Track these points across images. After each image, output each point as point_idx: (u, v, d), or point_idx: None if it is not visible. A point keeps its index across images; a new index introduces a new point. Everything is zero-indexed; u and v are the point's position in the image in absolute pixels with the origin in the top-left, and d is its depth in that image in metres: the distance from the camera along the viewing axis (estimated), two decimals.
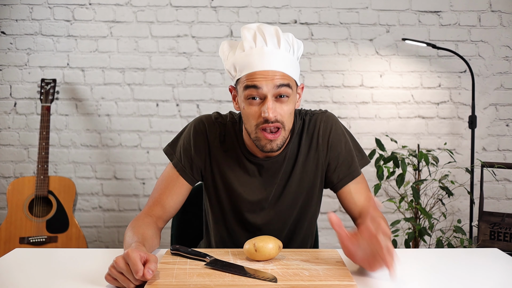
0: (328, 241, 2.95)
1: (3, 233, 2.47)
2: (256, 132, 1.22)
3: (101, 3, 2.86)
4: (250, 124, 1.23)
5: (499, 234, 2.36)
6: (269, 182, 1.35)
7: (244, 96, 1.22)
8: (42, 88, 2.65)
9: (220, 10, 2.88)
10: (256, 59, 1.19)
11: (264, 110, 1.18)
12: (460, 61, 2.88)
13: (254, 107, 1.20)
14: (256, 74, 1.18)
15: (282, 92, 1.20)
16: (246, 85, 1.20)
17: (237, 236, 1.41)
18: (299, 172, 1.36)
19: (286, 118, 1.22)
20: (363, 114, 2.93)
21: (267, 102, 1.18)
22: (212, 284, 1.01)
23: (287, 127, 1.24)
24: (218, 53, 1.36)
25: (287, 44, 1.23)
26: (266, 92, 1.18)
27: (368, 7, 2.90)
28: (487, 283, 1.09)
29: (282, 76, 1.19)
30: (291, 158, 1.35)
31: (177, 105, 2.90)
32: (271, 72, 1.18)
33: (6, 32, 2.86)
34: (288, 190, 1.36)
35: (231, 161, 1.35)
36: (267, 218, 1.38)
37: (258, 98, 1.20)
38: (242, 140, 1.35)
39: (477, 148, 2.91)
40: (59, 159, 2.89)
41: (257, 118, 1.20)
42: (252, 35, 1.21)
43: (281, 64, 1.19)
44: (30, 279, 1.10)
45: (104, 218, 2.92)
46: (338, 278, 1.04)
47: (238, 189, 1.36)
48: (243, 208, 1.37)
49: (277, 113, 1.19)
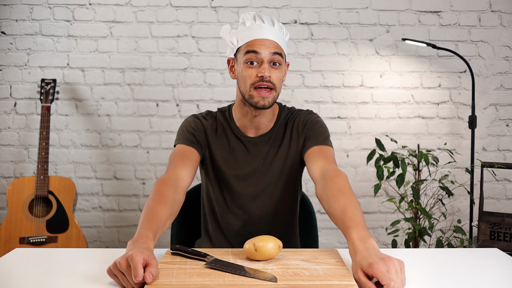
0: (328, 241, 2.95)
1: (3, 233, 2.47)
2: (250, 91, 1.42)
3: (101, 3, 2.86)
4: (246, 84, 1.43)
5: (499, 234, 2.36)
6: (257, 157, 1.55)
7: (244, 60, 1.43)
8: (42, 88, 2.66)
9: (220, 10, 2.88)
10: (256, 30, 1.43)
11: (261, 70, 1.40)
12: (460, 61, 2.88)
13: (252, 69, 1.42)
14: (255, 41, 1.41)
15: (276, 60, 1.42)
16: (247, 51, 1.42)
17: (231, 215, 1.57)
18: (283, 153, 1.55)
19: (277, 83, 1.43)
20: (363, 114, 2.93)
21: (264, 64, 1.41)
22: (212, 284, 1.01)
23: (277, 90, 1.44)
24: (220, 34, 1.60)
25: (279, 26, 1.48)
26: (263, 57, 1.41)
27: (368, 7, 2.90)
28: (487, 283, 1.09)
29: (276, 46, 1.43)
30: (277, 140, 1.56)
31: (177, 105, 2.90)
32: (268, 41, 1.42)
33: (6, 32, 2.86)
34: (274, 166, 1.54)
35: (225, 141, 1.56)
36: (256, 189, 1.54)
37: (255, 62, 1.42)
38: (234, 123, 1.56)
39: (477, 148, 2.91)
40: (59, 159, 2.89)
41: (253, 78, 1.41)
42: (252, 16, 1.46)
43: (276, 36, 1.44)
44: (30, 279, 1.10)
45: (104, 218, 2.92)
46: (338, 278, 1.04)
47: (232, 162, 1.55)
48: (236, 178, 1.54)
49: (271, 74, 1.41)
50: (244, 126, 1.55)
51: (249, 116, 1.51)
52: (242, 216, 1.56)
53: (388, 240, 2.90)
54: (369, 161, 2.29)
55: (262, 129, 1.55)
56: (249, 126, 1.54)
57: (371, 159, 2.28)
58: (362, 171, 2.94)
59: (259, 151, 1.55)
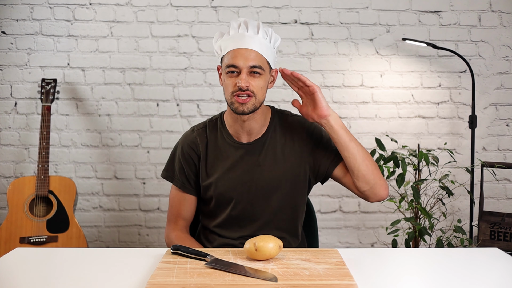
0: (328, 241, 2.95)
1: (4, 232, 2.47)
2: (231, 98, 1.47)
3: (101, 3, 2.86)
4: (228, 92, 1.48)
5: (499, 234, 2.36)
6: (252, 164, 1.54)
7: (225, 70, 1.48)
8: (42, 88, 2.66)
9: (221, 10, 2.88)
10: (237, 40, 1.47)
11: (238, 80, 1.44)
12: (460, 61, 2.88)
13: (232, 78, 1.46)
14: (235, 52, 1.45)
15: (254, 71, 1.46)
16: (227, 62, 1.47)
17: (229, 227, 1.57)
18: (281, 159, 1.55)
19: (257, 90, 1.46)
20: (363, 114, 2.93)
21: (242, 74, 1.45)
22: (213, 283, 1.01)
23: (258, 97, 1.47)
24: (212, 42, 1.60)
25: (265, 33, 1.50)
26: (241, 67, 1.44)
27: (368, 7, 2.90)
28: (487, 283, 1.09)
29: (255, 57, 1.45)
30: (272, 145, 1.56)
31: (177, 105, 2.90)
32: (248, 51, 1.45)
33: (6, 32, 2.86)
34: (271, 172, 1.53)
35: (218, 152, 1.58)
36: (254, 197, 1.53)
37: (235, 72, 1.46)
38: (226, 130, 1.58)
39: (477, 148, 2.91)
40: (59, 159, 2.90)
41: (233, 87, 1.46)
42: (238, 24, 1.49)
43: (257, 45, 1.46)
44: (30, 279, 1.10)
45: (104, 218, 2.92)
46: (338, 277, 1.04)
47: (225, 171, 1.55)
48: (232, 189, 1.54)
49: (249, 84, 1.44)
50: (236, 132, 1.56)
51: (239, 121, 1.52)
52: (240, 229, 1.55)
53: (388, 239, 2.90)
54: None
55: (254, 134, 1.55)
56: (241, 131, 1.55)
57: None
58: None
59: (253, 157, 1.54)
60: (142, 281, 1.08)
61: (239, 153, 1.55)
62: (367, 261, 1.24)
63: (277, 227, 1.54)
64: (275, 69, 1.55)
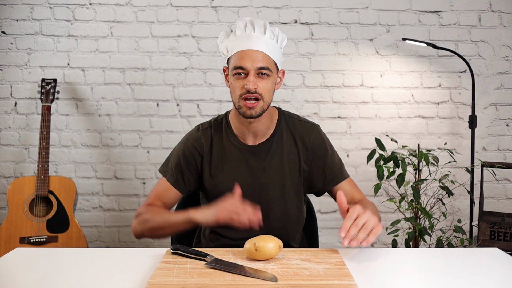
0: (328, 241, 2.95)
1: (4, 232, 2.47)
2: (239, 101, 1.44)
3: (101, 3, 2.86)
4: (235, 94, 1.44)
5: (499, 234, 2.36)
6: (257, 167, 1.52)
7: (232, 72, 1.44)
8: (42, 88, 2.66)
9: (221, 10, 2.88)
10: (244, 41, 1.43)
11: (246, 83, 1.40)
12: (460, 61, 2.88)
13: (240, 80, 1.43)
14: (242, 53, 1.42)
15: (262, 72, 1.42)
16: (234, 63, 1.43)
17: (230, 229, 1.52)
18: (285, 163, 1.53)
19: (265, 92, 1.43)
20: (363, 114, 2.93)
21: (249, 76, 1.41)
22: (213, 283, 1.01)
23: (266, 99, 1.44)
24: (217, 42, 1.56)
25: (272, 33, 1.46)
26: (249, 68, 1.41)
27: (368, 7, 2.90)
28: (487, 283, 1.09)
29: (263, 58, 1.42)
30: (278, 149, 1.54)
31: (177, 105, 2.90)
32: (255, 52, 1.41)
33: (6, 32, 2.86)
34: (277, 176, 1.52)
35: (223, 153, 1.54)
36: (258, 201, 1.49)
37: (243, 73, 1.42)
38: (232, 132, 1.55)
39: (477, 148, 2.91)
40: (59, 159, 2.90)
41: (241, 89, 1.42)
42: (244, 24, 1.45)
43: (264, 46, 1.42)
44: (30, 279, 1.10)
45: (104, 217, 2.92)
46: (338, 277, 1.04)
47: (230, 174, 1.52)
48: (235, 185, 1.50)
49: (257, 86, 1.41)
50: (242, 133, 1.53)
51: (245, 123, 1.50)
52: (242, 231, 1.51)
53: (388, 239, 2.90)
54: (369, 161, 2.29)
55: (260, 136, 1.53)
56: (247, 133, 1.52)
57: (371, 159, 2.28)
58: (362, 171, 2.94)
59: (259, 161, 1.52)
60: (142, 281, 1.08)
61: (244, 156, 1.53)
62: (367, 261, 1.24)
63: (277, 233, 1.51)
64: (282, 70, 1.53)
